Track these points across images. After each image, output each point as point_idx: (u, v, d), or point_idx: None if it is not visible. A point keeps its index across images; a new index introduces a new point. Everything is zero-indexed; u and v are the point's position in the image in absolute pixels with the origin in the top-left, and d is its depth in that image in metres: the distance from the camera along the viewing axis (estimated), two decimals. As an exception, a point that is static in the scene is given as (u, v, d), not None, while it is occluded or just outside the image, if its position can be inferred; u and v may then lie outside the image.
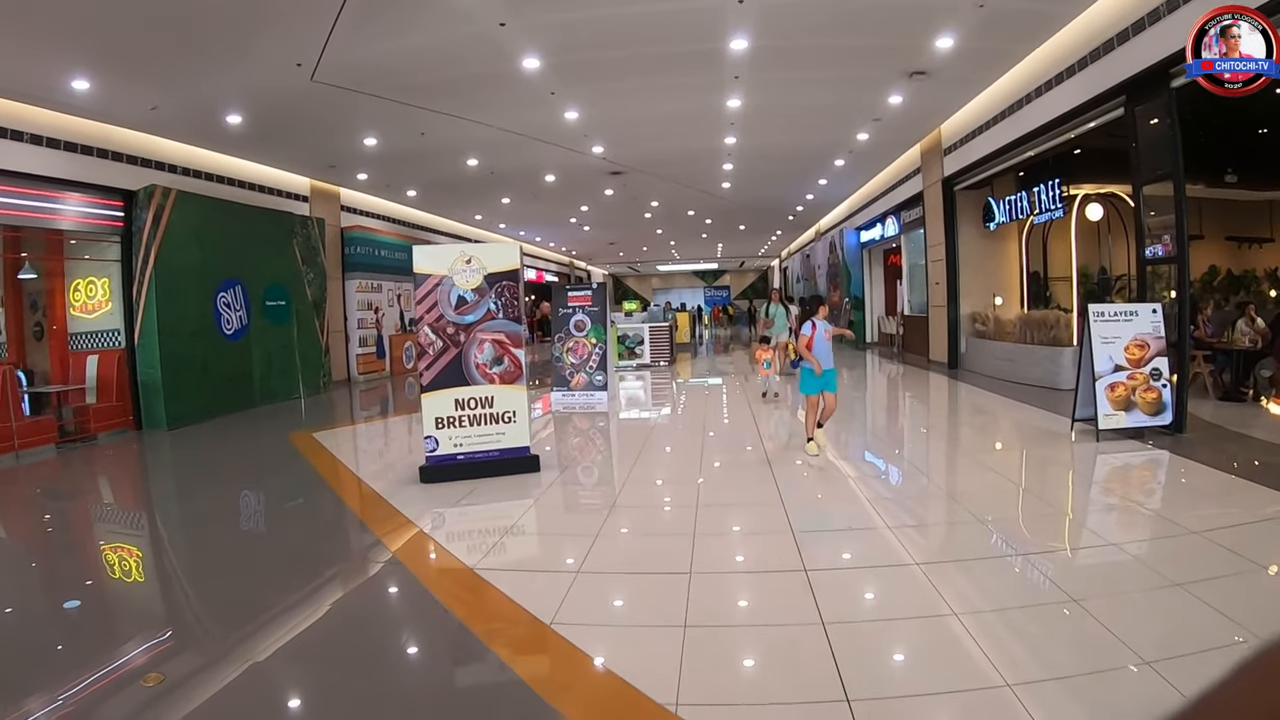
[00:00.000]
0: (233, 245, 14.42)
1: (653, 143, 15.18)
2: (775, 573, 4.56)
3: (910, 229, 18.72)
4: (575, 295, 12.48)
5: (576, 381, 12.12)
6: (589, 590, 4.40)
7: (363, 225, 19.32)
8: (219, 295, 14.11)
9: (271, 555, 5.77)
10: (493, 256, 7.14)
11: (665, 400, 13.25)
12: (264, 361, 15.16)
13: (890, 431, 10.07)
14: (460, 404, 7.09)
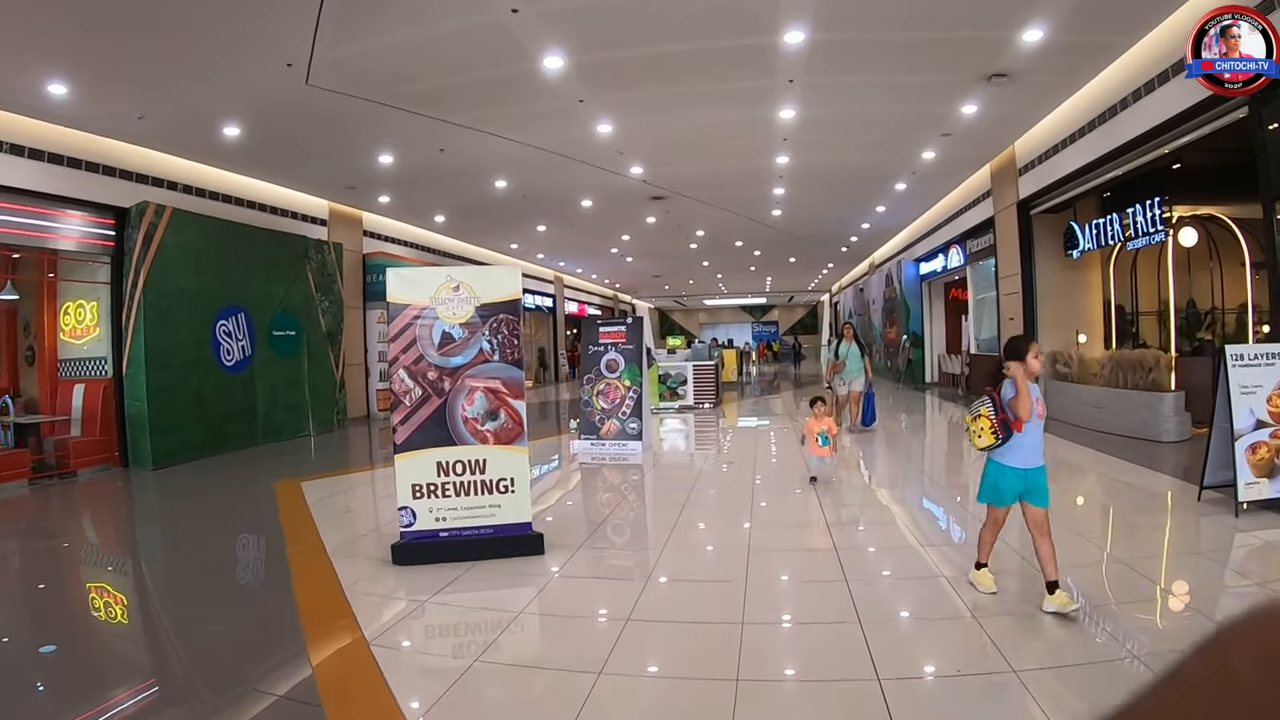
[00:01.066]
0: (236, 269, 13.32)
1: (696, 162, 13.80)
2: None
3: (977, 259, 17.05)
4: (607, 331, 11.07)
5: (607, 429, 10.66)
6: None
7: (386, 252, 18.17)
8: (219, 323, 12.99)
9: (144, 657, 4.36)
10: (487, 283, 5.72)
11: (709, 451, 11.67)
12: (269, 396, 14.00)
13: (961, 477, 8.38)
14: (444, 468, 5.65)
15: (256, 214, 14.49)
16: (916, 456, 11.23)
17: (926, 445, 12.53)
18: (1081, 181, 11.92)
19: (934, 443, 12.83)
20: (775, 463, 9.98)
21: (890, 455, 10.74)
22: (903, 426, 13.55)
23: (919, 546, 5.94)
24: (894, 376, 23.78)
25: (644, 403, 10.71)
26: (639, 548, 6.16)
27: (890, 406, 16.16)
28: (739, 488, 8.31)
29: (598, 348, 11.00)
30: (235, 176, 13.80)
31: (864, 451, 10.60)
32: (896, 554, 5.76)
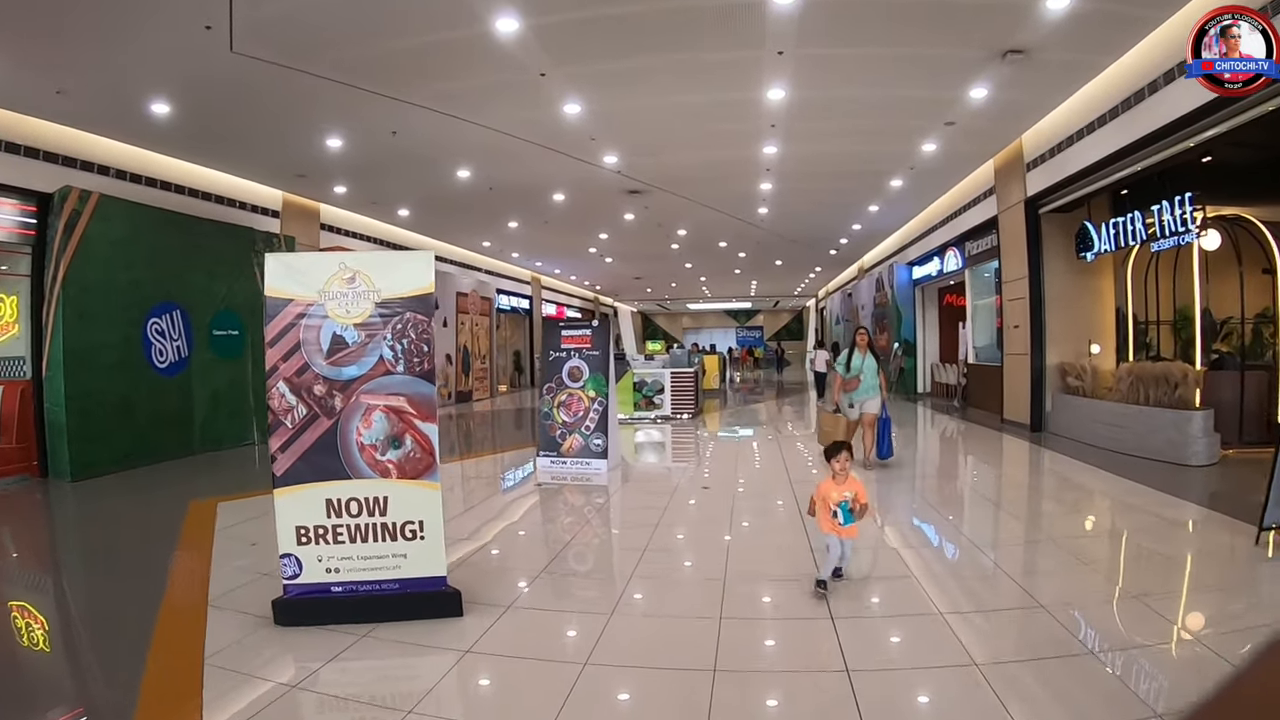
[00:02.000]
0: (172, 262, 12.10)
1: (675, 152, 12.66)
2: None
3: (977, 262, 15.99)
4: (570, 335, 9.88)
5: (569, 445, 9.47)
6: None
7: (345, 247, 16.92)
8: (150, 321, 11.79)
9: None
10: (390, 272, 4.52)
11: (686, 468, 10.45)
12: (208, 401, 12.80)
13: (1000, 532, 7.03)
14: (335, 507, 4.46)
15: (200, 203, 13.27)
16: (979, 515, 7.63)
17: (977, 490, 9.19)
18: (1099, 177, 10.86)
19: (984, 485, 9.55)
20: (758, 485, 8.84)
21: (931, 510, 7.76)
22: (926, 458, 11.26)
23: (919, 579, 4.79)
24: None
25: (610, 416, 9.53)
26: (583, 609, 4.87)
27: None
28: (715, 520, 7.12)
29: (559, 354, 9.82)
30: (177, 163, 12.60)
31: (889, 503, 7.84)
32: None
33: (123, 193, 11.59)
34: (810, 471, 9.45)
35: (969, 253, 16.18)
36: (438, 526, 4.51)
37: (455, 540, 6.33)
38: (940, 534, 6.65)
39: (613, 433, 9.56)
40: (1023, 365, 12.97)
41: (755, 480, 9.16)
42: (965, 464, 10.86)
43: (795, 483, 8.60)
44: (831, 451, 5.00)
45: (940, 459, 11.11)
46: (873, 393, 9.58)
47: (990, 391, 14.97)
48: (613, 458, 9.51)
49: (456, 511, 7.40)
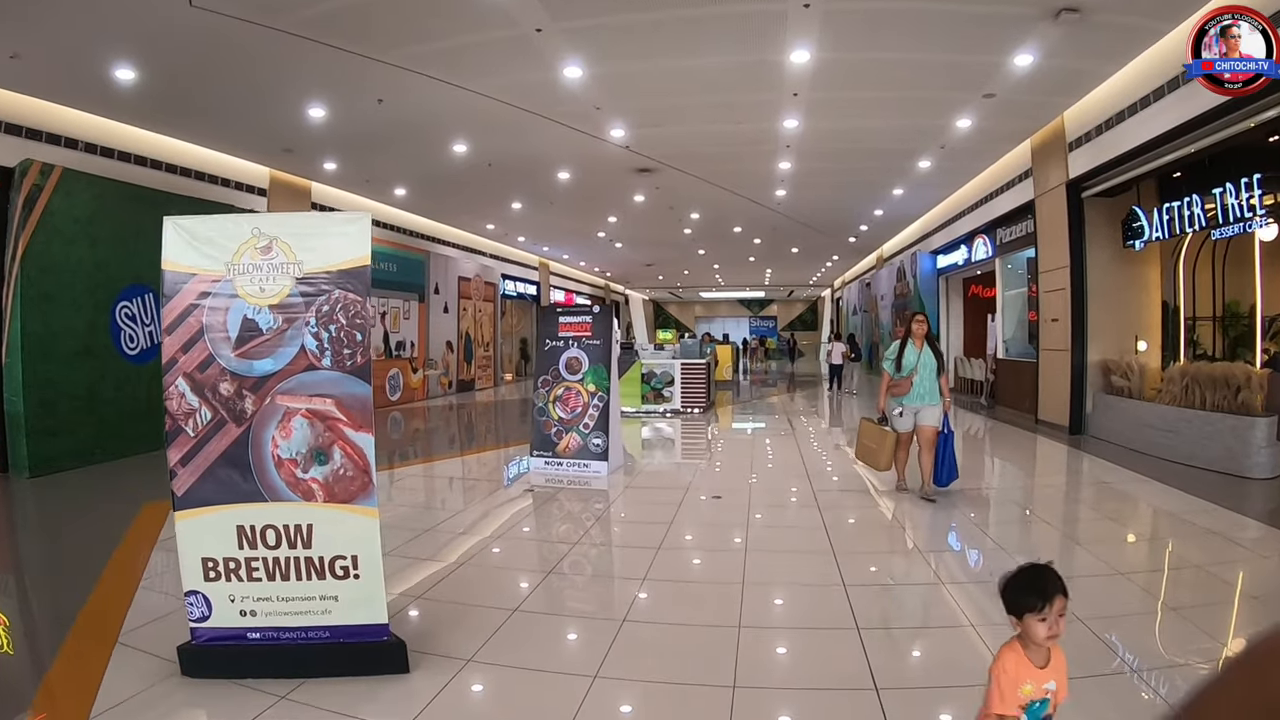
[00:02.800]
0: (144, 242, 11.09)
1: (687, 124, 11.68)
2: None
3: (1009, 251, 14.96)
4: (568, 322, 8.97)
5: (565, 445, 8.58)
6: None
7: (338, 228, 16.03)
8: (120, 305, 10.97)
9: None
10: (315, 239, 3.61)
11: (694, 471, 9.47)
12: None
13: (1074, 565, 5.34)
14: (249, 536, 3.57)
15: (177, 179, 12.38)
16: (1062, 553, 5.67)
17: (1046, 516, 7.37)
18: (1152, 157, 9.85)
19: (1047, 506, 7.77)
20: (775, 495, 7.87)
21: (1009, 553, 5.52)
22: (971, 469, 9.00)
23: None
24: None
25: (612, 413, 8.61)
26: (561, 668, 3.86)
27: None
28: (727, 541, 6.13)
29: (555, 343, 8.91)
30: (152, 136, 11.73)
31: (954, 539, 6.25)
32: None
33: (90, 167, 10.74)
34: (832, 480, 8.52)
35: (1000, 240, 15.16)
36: (375, 564, 3.60)
37: (416, 562, 5.44)
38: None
39: (614, 431, 8.65)
40: (1061, 362, 11.97)
41: (772, 489, 8.16)
42: (1014, 478, 9.66)
43: (818, 491, 7.67)
44: (1029, 593, 2.21)
45: (986, 471, 10.05)
46: (932, 399, 7.28)
47: (1022, 389, 13.98)
48: (614, 459, 8.61)
49: (427, 524, 6.50)
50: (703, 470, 9.24)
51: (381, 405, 16.91)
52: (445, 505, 7.16)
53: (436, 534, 6.13)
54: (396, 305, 17.59)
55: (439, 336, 19.73)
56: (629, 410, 14.62)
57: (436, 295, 19.36)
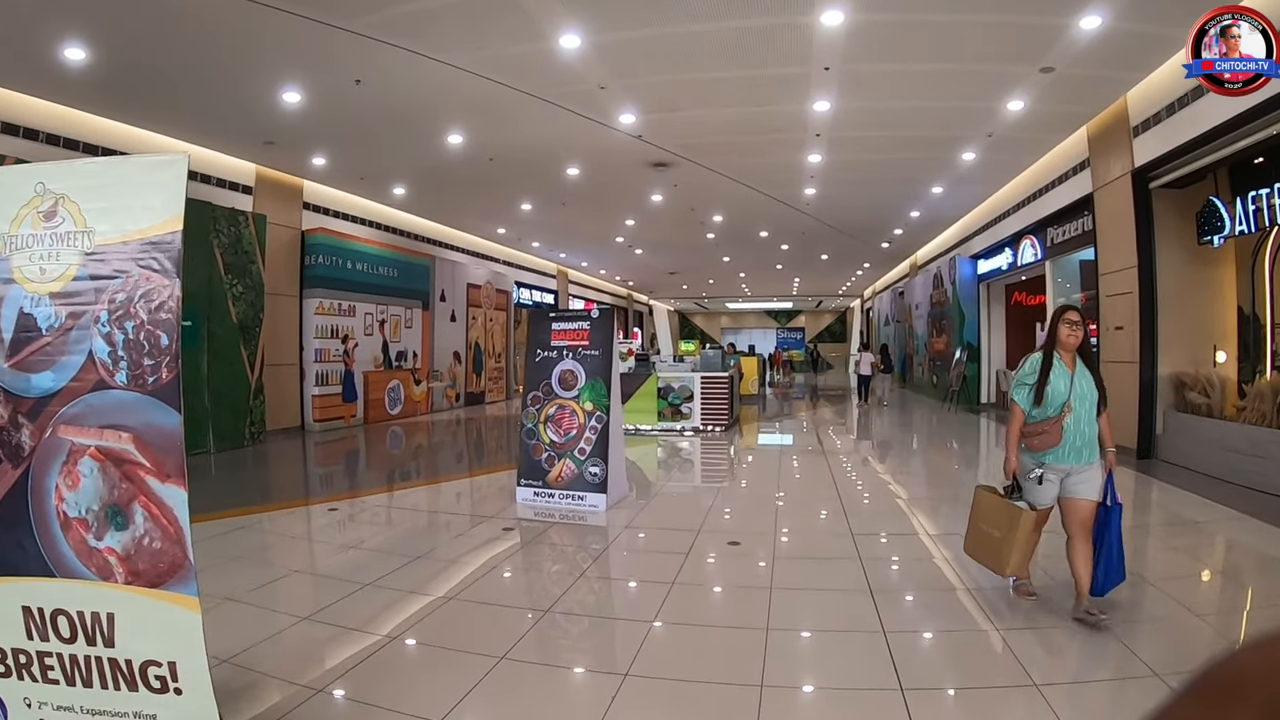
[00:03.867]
0: None
1: (704, 109, 10.49)
2: None
3: (1061, 252, 13.60)
4: (562, 329, 7.74)
5: (558, 473, 7.35)
6: None
7: (331, 229, 14.99)
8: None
9: None
10: (113, 196, 2.47)
11: (710, 502, 8.06)
12: None
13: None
14: (38, 622, 2.41)
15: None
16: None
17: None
18: (1235, 138, 8.52)
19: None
20: (806, 541, 6.46)
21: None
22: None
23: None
24: (939, 394, 20.32)
25: (612, 436, 7.35)
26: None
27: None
28: (745, 605, 4.77)
29: (547, 353, 7.68)
30: (116, 126, 10.80)
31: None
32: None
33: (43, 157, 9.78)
34: (881, 542, 7.22)
35: (1051, 241, 13.81)
36: (201, 674, 2.40)
37: (340, 633, 4.22)
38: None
39: (615, 458, 7.39)
40: (1127, 376, 10.60)
41: (803, 538, 6.54)
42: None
43: (868, 560, 6.22)
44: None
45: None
46: (1091, 454, 4.44)
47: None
48: (615, 490, 7.34)
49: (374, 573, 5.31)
50: (719, 505, 7.80)
51: (381, 419, 15.83)
52: (403, 548, 5.90)
53: (377, 591, 4.90)
54: (397, 313, 16.49)
55: (445, 346, 18.61)
56: (645, 428, 13.41)
57: (443, 303, 18.27)
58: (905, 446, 12.51)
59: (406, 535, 6.45)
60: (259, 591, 4.87)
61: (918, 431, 14.41)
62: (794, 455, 11.13)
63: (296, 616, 4.41)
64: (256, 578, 5.14)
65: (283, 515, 7.28)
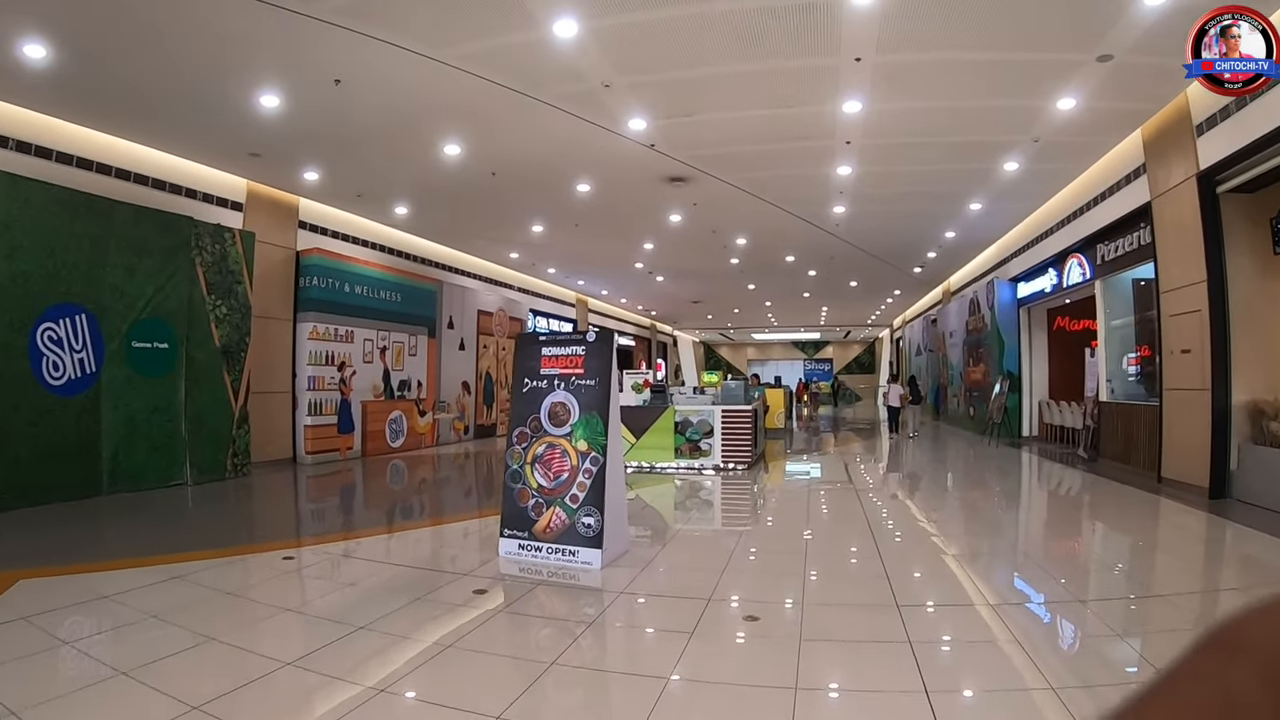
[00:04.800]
0: (76, 254, 9.64)
1: (722, 109, 9.56)
2: None
3: (1113, 270, 12.48)
4: (554, 355, 6.72)
5: (546, 523, 6.31)
6: None
7: (327, 249, 14.20)
8: (42, 326, 9.30)
9: None
10: None
11: (726, 557, 6.74)
12: (123, 429, 10.25)
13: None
14: None
15: (131, 187, 10.81)
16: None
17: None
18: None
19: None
20: (838, 618, 5.33)
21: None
22: (1145, 579, 6.03)
23: None
24: (976, 427, 19.10)
25: (610, 480, 6.27)
26: None
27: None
28: (770, 705, 3.64)
29: (536, 383, 6.68)
30: (100, 136, 10.31)
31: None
32: None
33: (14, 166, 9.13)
34: (927, 612, 6.15)
35: (1101, 259, 12.69)
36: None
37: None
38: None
39: (613, 506, 6.30)
40: (1196, 405, 9.44)
41: (836, 603, 5.40)
42: (1159, 569, 7.15)
43: (903, 605, 5.18)
44: None
45: (1116, 555, 7.55)
46: None
47: (1135, 439, 11.43)
48: (613, 544, 6.25)
49: (303, 646, 4.32)
50: (737, 564, 6.45)
51: (381, 452, 14.91)
52: (349, 613, 4.83)
53: (290, 676, 3.86)
54: (400, 340, 15.63)
55: (453, 376, 17.71)
56: (662, 466, 12.36)
57: (450, 330, 17.41)
58: (947, 487, 11.33)
59: (359, 596, 5.42)
60: (151, 668, 3.89)
61: (958, 469, 13.23)
62: (824, 499, 9.90)
63: (184, 705, 3.42)
64: (154, 648, 4.17)
65: (229, 563, 6.32)
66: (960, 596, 5.40)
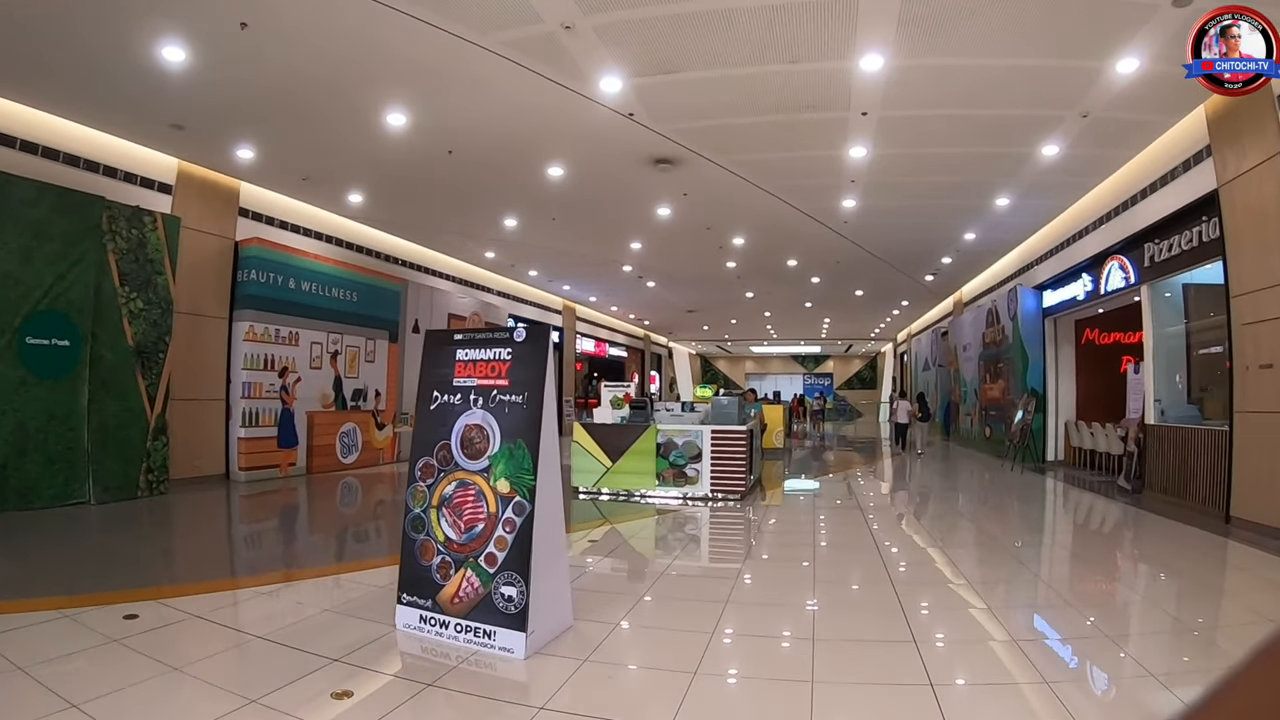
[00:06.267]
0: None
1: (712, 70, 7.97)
2: None
3: (1164, 273, 10.87)
4: (470, 359, 5.00)
5: (455, 589, 4.53)
6: None
7: (270, 240, 12.56)
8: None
9: None
10: None
11: (704, 637, 4.82)
12: (11, 438, 8.70)
13: None
14: None
15: (34, 161, 9.24)
16: None
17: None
18: None
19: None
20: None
21: None
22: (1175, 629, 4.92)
23: None
24: (993, 449, 17.46)
25: (543, 534, 4.51)
26: None
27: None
28: None
29: (448, 397, 5.02)
30: (8, 106, 8.68)
31: None
32: None
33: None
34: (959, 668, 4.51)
35: (1150, 260, 11.06)
36: None
37: None
38: None
39: (547, 571, 4.55)
40: (1277, 430, 7.83)
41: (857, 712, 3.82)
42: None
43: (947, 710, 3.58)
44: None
45: (1183, 624, 5.88)
46: None
47: (1194, 470, 9.78)
48: (546, 622, 4.53)
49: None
50: (718, 648, 4.60)
51: (331, 469, 13.25)
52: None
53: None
54: (355, 344, 13.97)
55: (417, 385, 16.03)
56: (642, 494, 10.71)
57: (416, 334, 15.75)
58: (985, 533, 9.55)
59: (159, 692, 3.78)
60: None
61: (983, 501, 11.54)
62: (834, 549, 8.14)
63: None
64: None
65: (48, 623, 4.69)
66: (998, 670, 3.76)
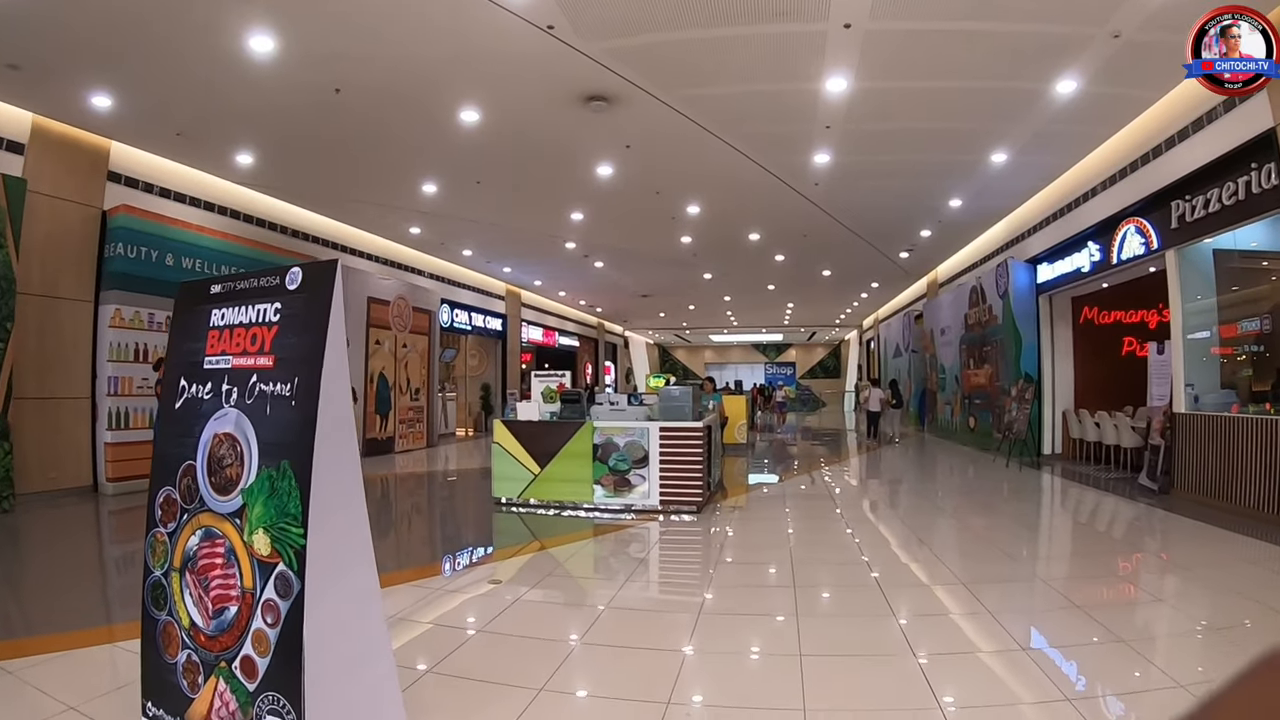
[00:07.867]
0: None
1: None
2: None
3: (1195, 235, 9.12)
4: (225, 325, 2.97)
5: (205, 710, 2.56)
6: None
7: (142, 208, 10.42)
8: None
9: None
10: None
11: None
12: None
13: None
14: None
15: None
16: None
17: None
18: None
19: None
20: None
21: None
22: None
23: None
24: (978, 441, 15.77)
25: (333, 629, 2.54)
26: None
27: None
28: None
29: (196, 388, 2.98)
30: None
31: None
32: None
33: None
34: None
35: (1179, 220, 9.30)
36: None
37: None
38: None
39: (334, 689, 2.57)
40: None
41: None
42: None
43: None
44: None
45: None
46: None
47: (1236, 468, 8.05)
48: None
49: None
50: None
51: (213, 479, 11.10)
52: None
53: None
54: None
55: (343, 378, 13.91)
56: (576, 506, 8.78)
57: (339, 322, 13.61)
58: (1006, 553, 7.62)
59: None
60: None
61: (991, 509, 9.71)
62: (819, 580, 6.14)
63: None
64: None
65: None
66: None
